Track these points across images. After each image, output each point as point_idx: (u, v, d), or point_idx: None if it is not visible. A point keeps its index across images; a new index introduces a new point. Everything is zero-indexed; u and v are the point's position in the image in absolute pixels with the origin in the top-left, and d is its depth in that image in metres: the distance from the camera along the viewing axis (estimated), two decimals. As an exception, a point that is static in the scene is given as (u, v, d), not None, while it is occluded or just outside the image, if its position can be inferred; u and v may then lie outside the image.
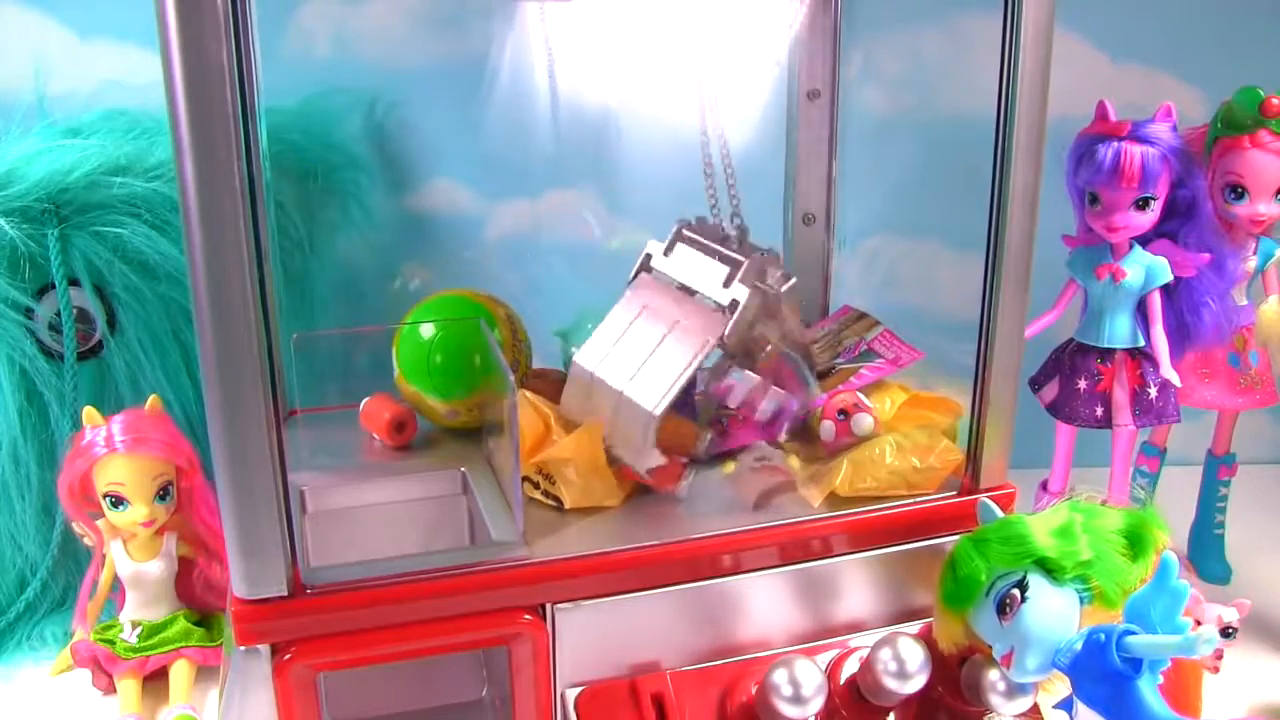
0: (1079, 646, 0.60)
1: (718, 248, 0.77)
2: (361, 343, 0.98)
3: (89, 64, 1.03)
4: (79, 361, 0.93)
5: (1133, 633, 0.58)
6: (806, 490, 0.75)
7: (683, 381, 0.73)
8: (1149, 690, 0.58)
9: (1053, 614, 0.61)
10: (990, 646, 0.64)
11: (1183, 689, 0.69)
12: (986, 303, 0.72)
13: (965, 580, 0.63)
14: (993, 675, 0.66)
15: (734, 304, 0.74)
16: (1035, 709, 0.68)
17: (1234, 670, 0.88)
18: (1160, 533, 0.63)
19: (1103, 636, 0.58)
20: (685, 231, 0.79)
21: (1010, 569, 0.62)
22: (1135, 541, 0.63)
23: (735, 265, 0.75)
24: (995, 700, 0.66)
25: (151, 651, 0.87)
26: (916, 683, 0.65)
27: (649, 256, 0.81)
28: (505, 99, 1.02)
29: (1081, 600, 0.62)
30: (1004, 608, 0.62)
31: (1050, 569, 0.62)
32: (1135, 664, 0.58)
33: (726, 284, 0.74)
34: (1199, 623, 0.88)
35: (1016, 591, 0.61)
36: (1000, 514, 0.66)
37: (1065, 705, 0.71)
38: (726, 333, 0.73)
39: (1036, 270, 0.72)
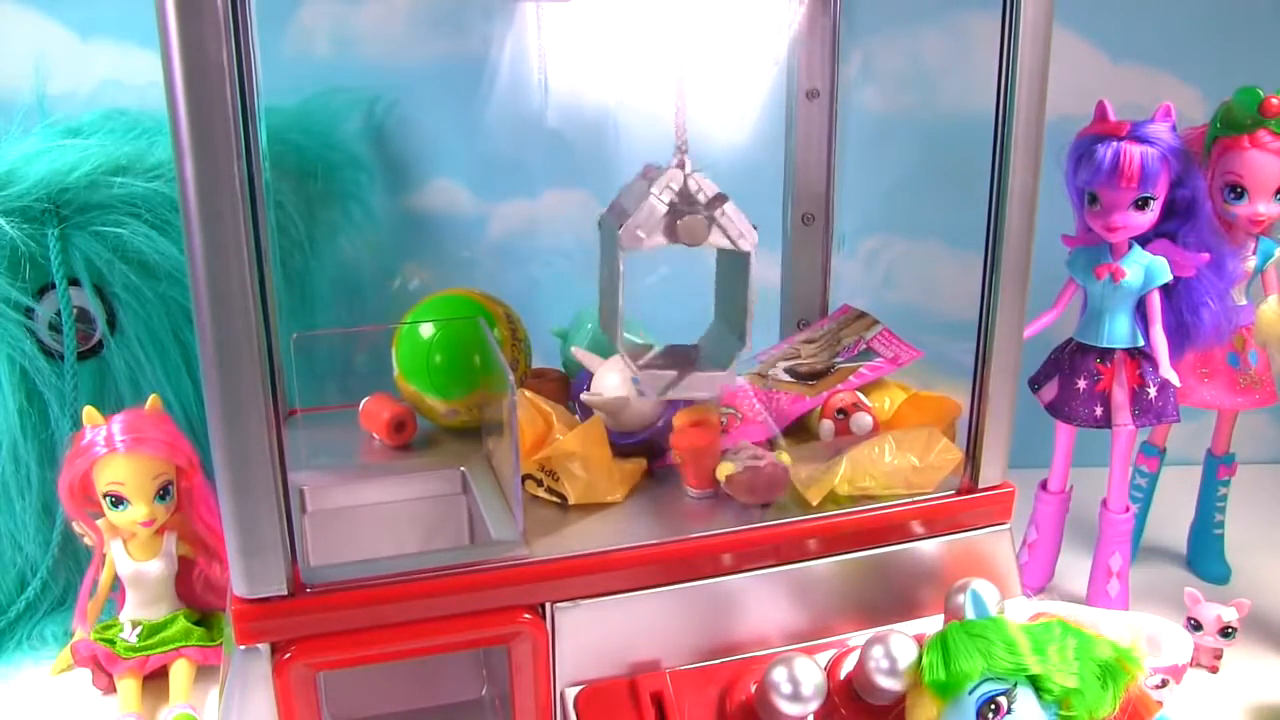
0: None
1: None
2: (361, 342, 0.98)
3: (89, 64, 1.04)
4: (79, 361, 0.93)
5: None
6: (806, 489, 0.75)
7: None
8: None
9: None
10: None
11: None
12: (986, 302, 0.72)
13: (959, 676, 0.63)
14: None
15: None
16: None
17: (1234, 670, 0.89)
18: (1138, 672, 0.65)
19: None
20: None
21: (1002, 675, 0.63)
22: (1112, 673, 0.64)
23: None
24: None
25: (151, 651, 0.87)
26: (909, 679, 0.65)
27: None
28: (505, 99, 1.02)
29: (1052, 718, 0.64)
30: (986, 712, 0.62)
31: (1038, 687, 0.63)
32: None
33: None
34: (1197, 622, 0.88)
35: (1004, 700, 0.62)
36: (993, 606, 0.66)
37: None
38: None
39: (1036, 270, 0.72)
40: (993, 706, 0.62)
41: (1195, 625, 0.88)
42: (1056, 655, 0.63)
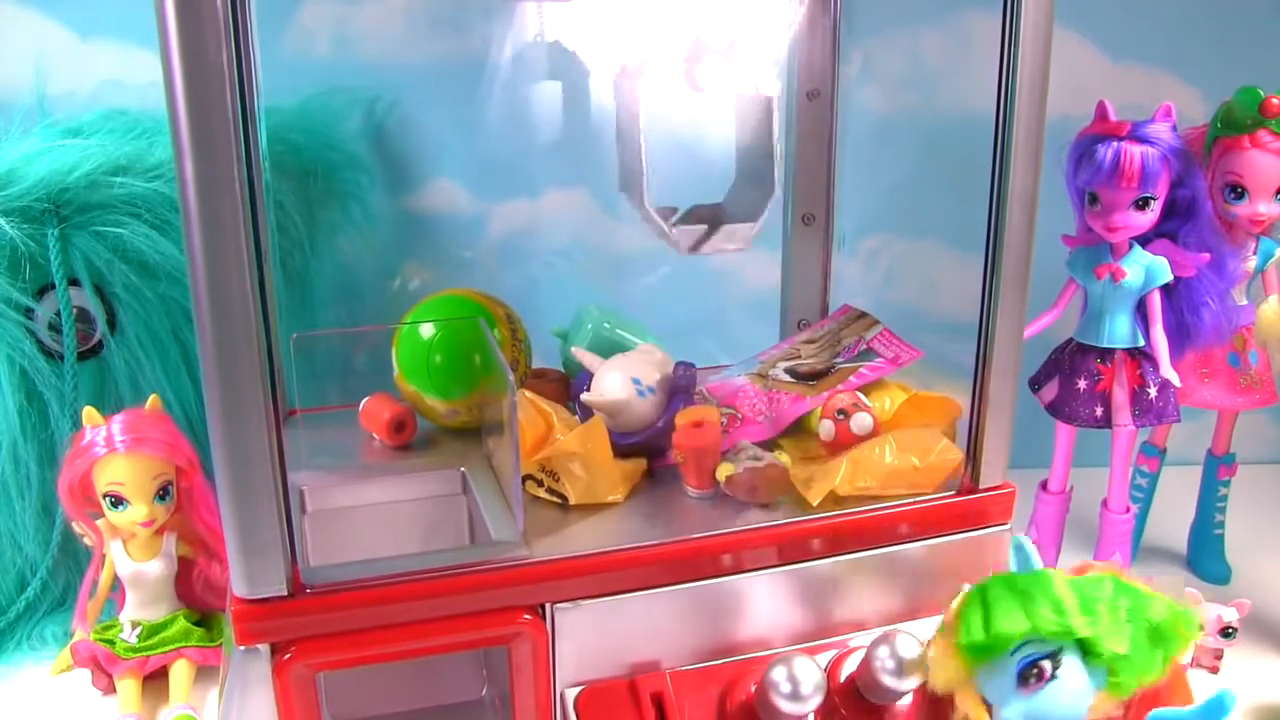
0: None
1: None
2: (361, 343, 0.98)
3: (89, 64, 1.03)
4: (79, 361, 0.93)
5: None
6: (806, 489, 0.75)
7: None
8: None
9: (1074, 696, 0.57)
10: (987, 704, 0.59)
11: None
12: (986, 302, 0.72)
13: (1000, 637, 0.57)
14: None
15: None
16: None
17: (1234, 670, 0.89)
18: (1194, 635, 0.59)
19: None
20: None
21: (1048, 638, 0.57)
22: (1165, 635, 0.59)
23: None
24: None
25: (151, 651, 0.87)
26: (914, 680, 0.65)
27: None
28: (505, 99, 1.02)
29: (1098, 685, 0.58)
30: (1028, 676, 0.57)
31: (1086, 651, 0.57)
32: None
33: None
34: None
35: (1047, 664, 0.57)
36: (1037, 563, 0.60)
37: None
38: None
39: (1036, 270, 0.72)
40: (1035, 671, 0.57)
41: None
42: (1108, 616, 0.57)
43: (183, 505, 0.88)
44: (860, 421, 0.78)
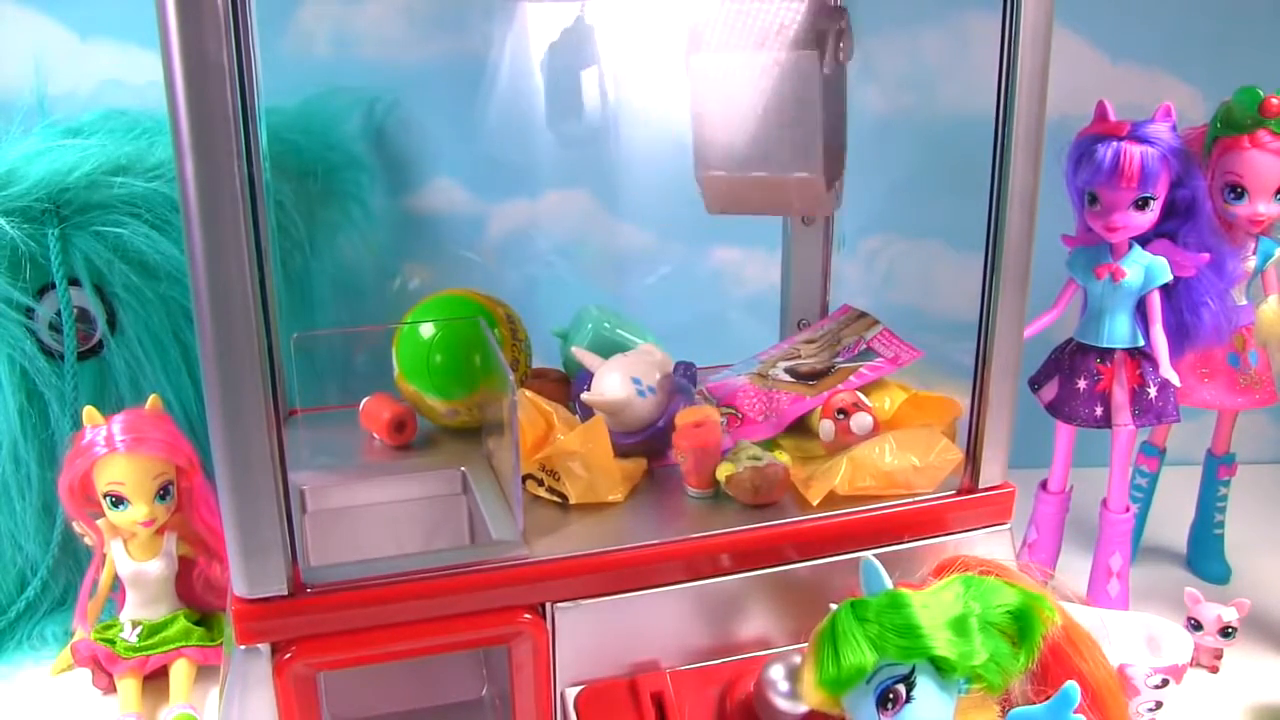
0: None
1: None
2: (361, 343, 0.98)
3: (89, 64, 1.04)
4: (79, 361, 0.93)
5: None
6: (806, 489, 0.75)
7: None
8: None
9: (935, 711, 0.58)
10: None
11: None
12: (986, 302, 0.72)
13: (850, 670, 0.57)
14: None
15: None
16: None
17: (1233, 670, 0.89)
18: (1050, 620, 0.59)
19: None
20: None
21: (899, 661, 0.57)
22: (1023, 624, 0.59)
23: None
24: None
25: (151, 651, 0.87)
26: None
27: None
28: (505, 99, 1.02)
29: (960, 690, 0.59)
30: (886, 702, 0.58)
31: (941, 667, 0.58)
32: None
33: None
34: (1197, 622, 0.88)
35: (902, 688, 0.57)
36: (887, 583, 0.60)
37: None
38: None
39: (1036, 270, 0.72)
40: (891, 695, 0.57)
41: (1195, 625, 0.88)
42: (957, 631, 0.57)
43: (183, 505, 0.88)
44: (860, 421, 0.78)
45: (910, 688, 0.57)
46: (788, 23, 0.77)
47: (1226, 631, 0.87)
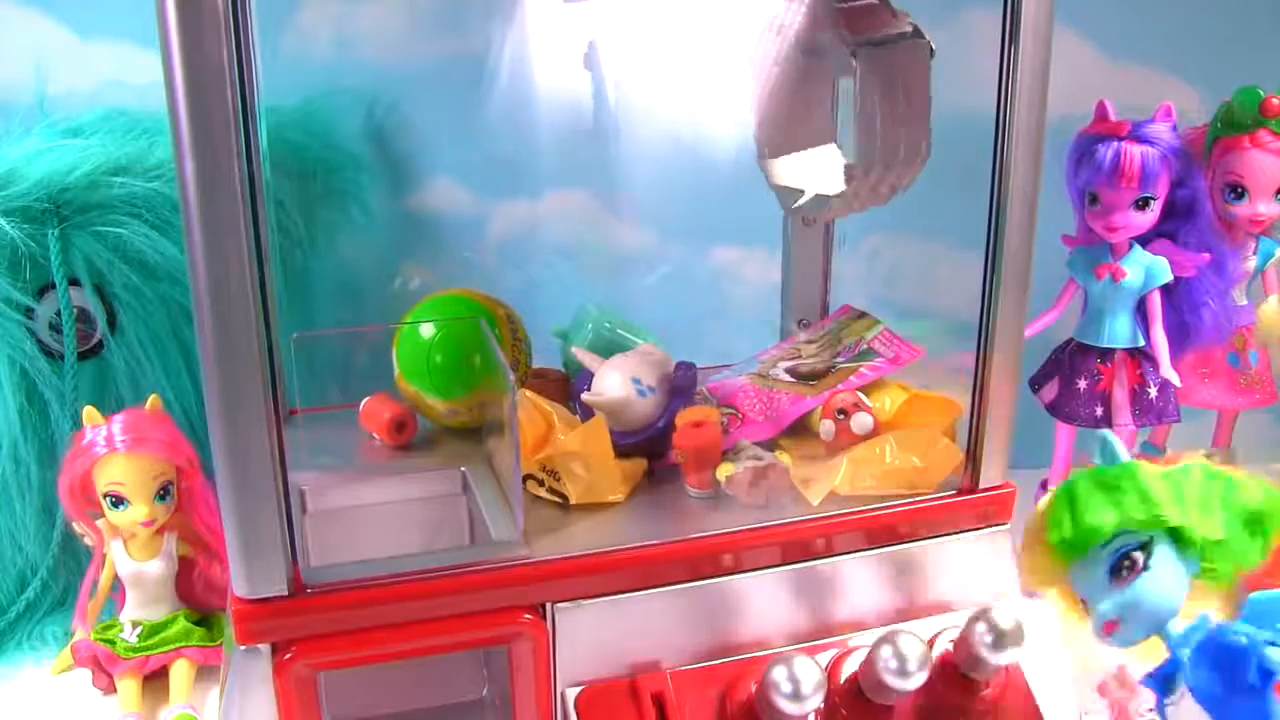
0: (1200, 636, 0.55)
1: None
2: (361, 343, 0.98)
3: (89, 64, 1.03)
4: (79, 361, 0.93)
5: (1274, 644, 0.53)
6: (806, 489, 0.75)
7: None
8: (1277, 709, 0.53)
9: (1169, 586, 0.56)
10: (1083, 601, 0.59)
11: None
12: (986, 302, 0.72)
13: (1089, 530, 0.56)
14: (979, 629, 0.63)
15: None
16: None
17: (1234, 670, 0.88)
18: None
19: (1243, 639, 0.53)
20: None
21: (1138, 529, 0.56)
22: (1260, 521, 0.58)
23: None
24: (985, 654, 0.63)
25: (152, 651, 0.87)
26: (917, 680, 0.65)
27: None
28: (505, 99, 1.02)
29: (1193, 572, 0.57)
30: (1120, 569, 0.56)
31: (1179, 540, 0.56)
32: (1268, 676, 0.53)
33: None
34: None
35: (1139, 555, 0.56)
36: (1126, 456, 0.59)
37: (1156, 683, 0.61)
38: None
39: (1036, 270, 0.72)
40: (1127, 563, 0.56)
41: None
42: (1198, 504, 0.56)
43: (183, 505, 0.88)
44: (860, 421, 0.78)
45: (1148, 556, 0.55)
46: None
47: (1227, 631, 0.87)
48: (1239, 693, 0.53)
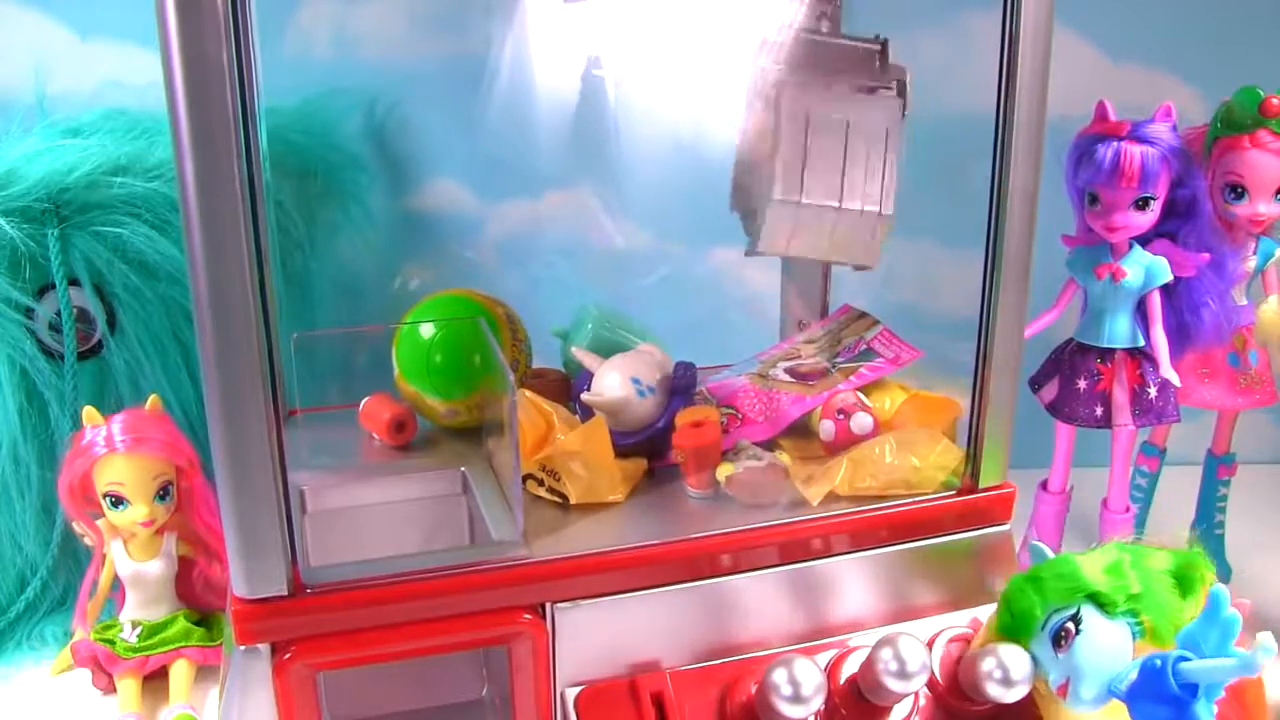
0: (1134, 675, 0.62)
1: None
2: (361, 343, 0.98)
3: (89, 64, 1.03)
4: (79, 361, 0.93)
5: (1187, 659, 0.60)
6: (806, 489, 0.75)
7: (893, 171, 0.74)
8: (1206, 716, 0.60)
9: (1106, 645, 0.64)
10: (1047, 677, 0.66)
11: (1246, 709, 0.70)
12: (986, 302, 0.72)
13: (1021, 615, 0.66)
14: (987, 665, 0.66)
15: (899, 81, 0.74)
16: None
17: (1234, 670, 0.88)
18: (1208, 571, 0.66)
19: (1158, 662, 0.60)
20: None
21: (1064, 604, 0.65)
22: (1183, 580, 0.66)
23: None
24: (993, 689, 0.66)
25: (151, 651, 0.87)
26: (917, 682, 0.65)
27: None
28: (505, 99, 1.02)
29: (1134, 635, 0.65)
30: (1059, 640, 0.64)
31: (1102, 603, 0.64)
32: (1192, 689, 0.59)
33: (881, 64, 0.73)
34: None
35: (1070, 624, 0.64)
36: (1050, 554, 0.69)
37: None
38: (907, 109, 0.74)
39: (1036, 270, 0.72)
40: (1063, 632, 0.64)
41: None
42: (1104, 569, 0.64)
43: (183, 505, 0.88)
44: (860, 421, 0.78)
45: (1077, 622, 0.64)
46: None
47: (1227, 631, 0.87)
48: (1172, 709, 0.60)
